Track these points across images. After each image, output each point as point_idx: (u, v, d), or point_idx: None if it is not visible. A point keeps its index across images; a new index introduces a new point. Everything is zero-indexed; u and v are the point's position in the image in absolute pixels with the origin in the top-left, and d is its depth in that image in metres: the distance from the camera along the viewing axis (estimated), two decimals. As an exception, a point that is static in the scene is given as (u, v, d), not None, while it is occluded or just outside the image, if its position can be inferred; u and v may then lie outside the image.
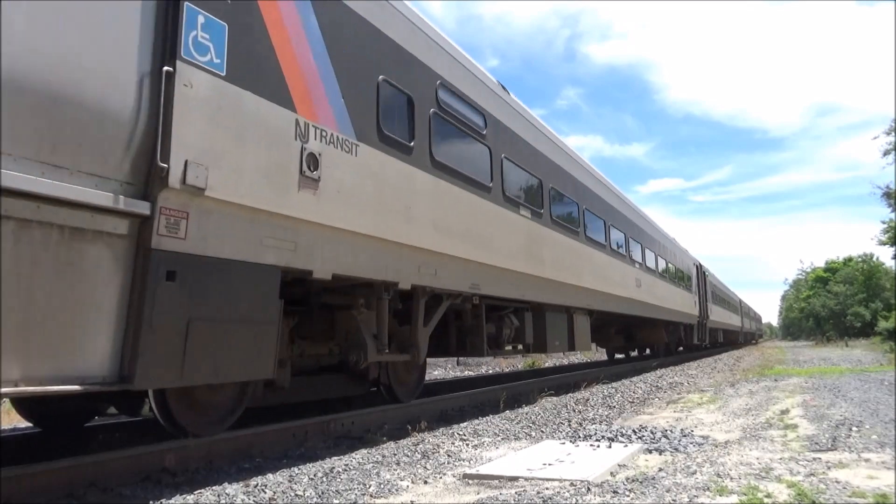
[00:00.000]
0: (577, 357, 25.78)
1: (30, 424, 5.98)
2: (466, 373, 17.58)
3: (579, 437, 5.29)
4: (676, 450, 4.59)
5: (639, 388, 9.88)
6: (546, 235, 9.16)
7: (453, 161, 6.82)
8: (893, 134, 32.42)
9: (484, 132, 7.67)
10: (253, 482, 3.75)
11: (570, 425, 6.14)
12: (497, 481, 3.68)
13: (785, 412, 6.40)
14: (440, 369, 20.06)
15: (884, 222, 38.74)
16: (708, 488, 3.27)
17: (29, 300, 3.04)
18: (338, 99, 5.13)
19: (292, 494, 3.52)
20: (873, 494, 3.12)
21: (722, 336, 33.40)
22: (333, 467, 4.20)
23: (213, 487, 3.63)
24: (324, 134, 4.94)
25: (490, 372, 17.51)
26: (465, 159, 7.18)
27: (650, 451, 4.57)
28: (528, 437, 5.54)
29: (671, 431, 5.35)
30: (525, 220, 8.47)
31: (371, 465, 4.33)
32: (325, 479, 3.90)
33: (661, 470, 3.82)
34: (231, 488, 3.60)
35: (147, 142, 3.62)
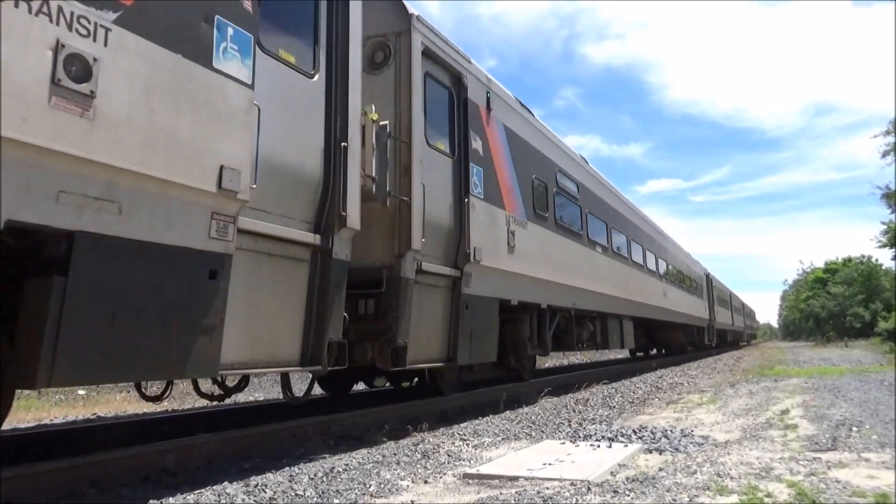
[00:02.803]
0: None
1: (29, 424, 5.98)
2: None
3: (579, 437, 5.29)
4: (677, 450, 4.59)
5: (639, 388, 9.88)
6: None
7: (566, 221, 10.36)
8: (893, 135, 32.38)
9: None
10: (253, 482, 3.75)
11: (570, 425, 6.14)
12: (497, 481, 3.68)
13: (785, 412, 6.40)
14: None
15: (884, 223, 38.57)
16: (708, 488, 3.27)
17: None
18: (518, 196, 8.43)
19: (292, 494, 3.52)
20: (873, 494, 3.12)
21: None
22: (333, 467, 4.19)
23: (214, 487, 3.63)
24: (515, 219, 8.30)
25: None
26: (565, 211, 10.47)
27: (650, 451, 4.57)
28: (528, 437, 5.54)
29: (671, 431, 5.35)
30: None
31: (371, 464, 4.33)
32: (325, 478, 3.90)
33: (661, 470, 3.82)
34: (231, 488, 3.59)
35: (458, 239, 6.98)
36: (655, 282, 16.82)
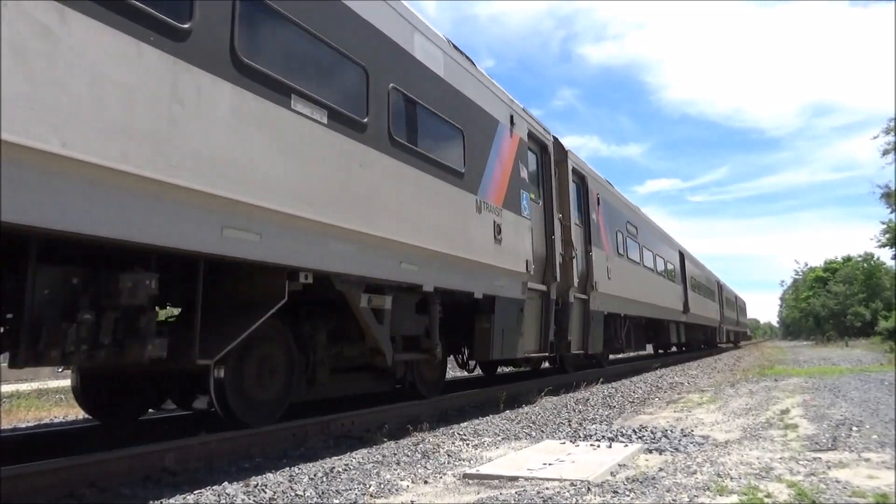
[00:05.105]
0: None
1: (29, 424, 5.98)
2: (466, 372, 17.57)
3: (579, 436, 5.29)
4: (677, 450, 4.59)
5: (639, 388, 9.89)
6: None
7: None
8: (893, 133, 32.40)
9: None
10: (253, 482, 3.75)
11: (570, 425, 6.14)
12: (497, 481, 3.68)
13: (785, 412, 6.40)
14: (440, 369, 20.03)
15: (883, 223, 38.61)
16: (708, 488, 3.27)
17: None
18: None
19: (292, 494, 3.52)
20: (873, 494, 3.11)
21: None
22: (333, 467, 4.20)
23: (213, 487, 3.63)
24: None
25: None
26: None
27: (650, 451, 4.57)
28: (528, 436, 5.54)
29: (671, 431, 5.35)
30: None
31: (371, 464, 4.33)
32: (325, 478, 3.90)
33: (661, 470, 3.82)
34: (231, 488, 3.60)
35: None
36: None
